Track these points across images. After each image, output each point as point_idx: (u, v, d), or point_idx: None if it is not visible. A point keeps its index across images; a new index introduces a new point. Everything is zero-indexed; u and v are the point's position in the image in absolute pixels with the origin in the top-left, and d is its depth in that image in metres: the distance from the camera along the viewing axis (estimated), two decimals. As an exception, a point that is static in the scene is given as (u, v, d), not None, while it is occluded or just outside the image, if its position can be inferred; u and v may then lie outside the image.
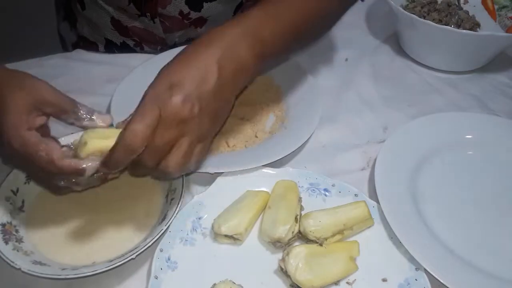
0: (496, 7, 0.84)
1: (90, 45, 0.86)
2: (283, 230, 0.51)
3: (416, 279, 0.50)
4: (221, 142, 0.64)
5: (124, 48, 0.84)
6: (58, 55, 0.81)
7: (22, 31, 1.38)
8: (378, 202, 0.56)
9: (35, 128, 0.46)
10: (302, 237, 0.53)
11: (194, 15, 0.78)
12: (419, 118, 0.68)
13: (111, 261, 0.46)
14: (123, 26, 0.81)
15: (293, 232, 0.52)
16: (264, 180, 0.59)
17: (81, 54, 0.82)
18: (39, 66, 0.78)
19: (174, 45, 0.84)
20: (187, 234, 0.54)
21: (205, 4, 0.78)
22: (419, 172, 0.62)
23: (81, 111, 0.48)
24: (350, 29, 0.90)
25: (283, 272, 0.49)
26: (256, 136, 0.66)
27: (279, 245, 0.52)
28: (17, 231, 0.50)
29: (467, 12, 0.85)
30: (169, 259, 0.51)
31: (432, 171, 0.62)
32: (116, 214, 0.53)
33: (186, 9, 0.77)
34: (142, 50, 0.85)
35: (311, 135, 0.64)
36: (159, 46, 0.84)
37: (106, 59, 0.81)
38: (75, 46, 0.87)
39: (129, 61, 0.79)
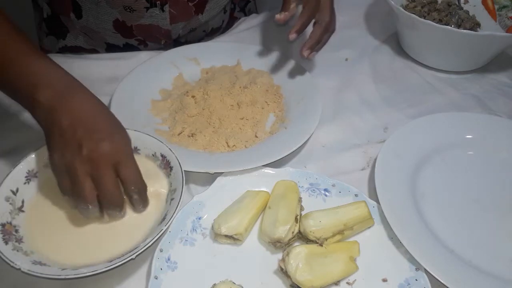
0: (496, 7, 0.84)
1: (87, 53, 0.85)
2: (283, 230, 0.51)
3: (416, 279, 0.50)
4: (221, 142, 0.64)
5: (127, 49, 0.84)
6: (57, 55, 0.81)
7: None
8: (378, 202, 0.56)
9: None
10: (302, 237, 0.53)
11: None
12: (419, 118, 0.68)
13: (111, 261, 0.46)
14: (127, 27, 0.81)
15: (293, 232, 0.52)
16: (264, 180, 0.59)
17: (80, 53, 0.82)
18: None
19: (178, 38, 0.85)
20: (187, 234, 0.54)
21: None
22: (419, 172, 0.62)
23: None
24: (350, 29, 0.90)
25: (283, 272, 0.49)
26: (256, 136, 0.65)
27: (279, 245, 0.52)
28: (16, 231, 0.50)
29: (467, 12, 0.85)
30: (169, 259, 0.51)
31: (432, 171, 0.62)
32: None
33: None
34: (146, 47, 0.85)
35: (311, 135, 0.64)
36: (163, 40, 0.84)
37: (106, 58, 0.81)
38: None
39: (129, 60, 0.79)
